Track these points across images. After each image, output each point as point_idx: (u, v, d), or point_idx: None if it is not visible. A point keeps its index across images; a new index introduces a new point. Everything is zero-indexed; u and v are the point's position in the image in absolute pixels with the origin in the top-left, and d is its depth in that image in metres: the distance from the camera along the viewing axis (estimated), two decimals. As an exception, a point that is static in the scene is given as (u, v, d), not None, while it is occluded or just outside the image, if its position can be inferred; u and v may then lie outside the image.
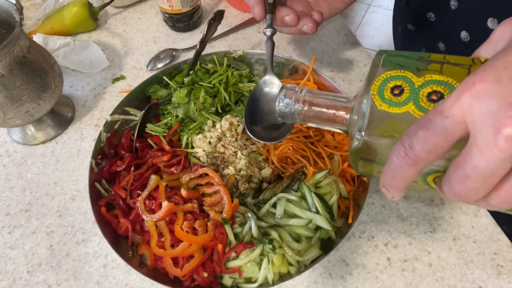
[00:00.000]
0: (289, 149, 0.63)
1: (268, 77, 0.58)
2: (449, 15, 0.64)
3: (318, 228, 0.54)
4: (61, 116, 0.76)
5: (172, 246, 0.53)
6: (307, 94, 0.40)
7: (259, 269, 0.52)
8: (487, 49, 0.31)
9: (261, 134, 0.53)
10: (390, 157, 0.28)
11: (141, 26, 0.92)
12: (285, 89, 0.42)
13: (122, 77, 0.82)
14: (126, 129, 0.67)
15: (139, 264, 0.54)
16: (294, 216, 0.55)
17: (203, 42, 0.69)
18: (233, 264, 0.52)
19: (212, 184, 0.58)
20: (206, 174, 0.59)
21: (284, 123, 0.52)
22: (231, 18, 0.92)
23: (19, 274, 0.59)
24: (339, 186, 0.57)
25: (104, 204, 0.58)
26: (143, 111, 0.67)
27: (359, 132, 0.32)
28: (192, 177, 0.59)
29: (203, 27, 0.86)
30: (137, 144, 0.65)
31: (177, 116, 0.67)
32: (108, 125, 0.65)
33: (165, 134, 0.66)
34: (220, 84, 0.68)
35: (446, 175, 0.27)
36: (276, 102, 0.42)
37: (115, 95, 0.80)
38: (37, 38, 0.81)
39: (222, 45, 0.86)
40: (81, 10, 0.86)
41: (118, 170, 0.62)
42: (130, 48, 0.88)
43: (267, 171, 0.62)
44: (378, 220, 0.61)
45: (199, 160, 0.63)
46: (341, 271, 0.57)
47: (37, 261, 0.60)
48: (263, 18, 0.58)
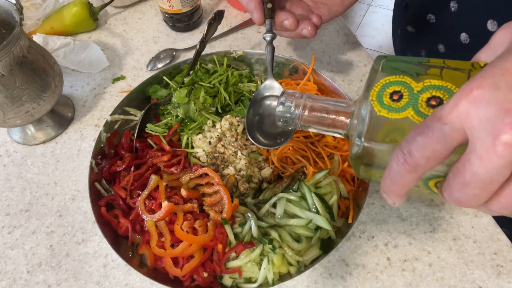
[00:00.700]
0: (289, 149, 0.63)
1: (268, 82, 0.58)
2: (449, 17, 0.64)
3: (318, 228, 0.54)
4: (61, 116, 0.76)
5: (172, 246, 0.53)
6: (308, 99, 0.40)
7: (259, 269, 0.52)
8: (486, 54, 0.31)
9: (262, 139, 0.54)
10: (390, 164, 0.28)
11: (141, 26, 0.92)
12: (285, 94, 0.42)
13: (122, 77, 0.82)
14: (126, 129, 0.67)
15: (139, 264, 0.54)
16: (294, 216, 0.55)
17: (203, 42, 0.69)
18: (233, 264, 0.52)
19: (212, 184, 0.58)
20: (206, 174, 0.59)
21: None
22: (231, 18, 0.92)
23: (19, 274, 0.59)
24: (339, 186, 0.57)
25: (104, 204, 0.58)
26: (143, 111, 0.67)
27: (358, 138, 0.32)
28: (192, 177, 0.59)
29: (203, 27, 0.86)
30: (137, 144, 0.65)
31: (177, 116, 0.67)
32: (108, 125, 0.65)
33: (165, 134, 0.66)
34: (220, 84, 0.68)
35: (446, 182, 0.27)
36: (276, 107, 0.42)
37: (115, 95, 0.80)
38: (37, 38, 0.81)
39: (222, 45, 0.86)
40: (81, 10, 0.86)
41: (118, 170, 0.62)
42: (130, 48, 0.88)
43: (267, 171, 0.62)
44: (378, 220, 0.61)
45: (199, 160, 0.63)
46: (341, 271, 0.57)
47: (37, 261, 0.60)
48: (262, 23, 0.58)
